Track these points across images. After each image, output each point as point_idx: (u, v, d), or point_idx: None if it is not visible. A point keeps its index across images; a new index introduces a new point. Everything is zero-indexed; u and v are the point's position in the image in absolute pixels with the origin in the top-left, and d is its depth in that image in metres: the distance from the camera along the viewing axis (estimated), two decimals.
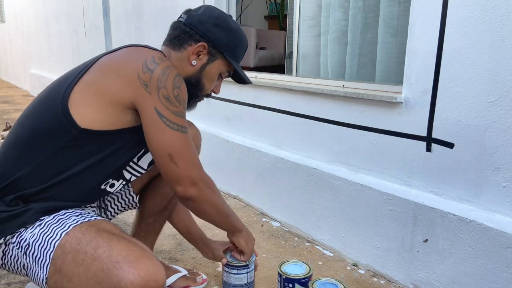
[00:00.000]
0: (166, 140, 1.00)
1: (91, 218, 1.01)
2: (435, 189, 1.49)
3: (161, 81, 0.99)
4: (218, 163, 2.55)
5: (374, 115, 1.67)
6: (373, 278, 1.64)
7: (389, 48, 1.86)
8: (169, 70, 1.02)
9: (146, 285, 0.88)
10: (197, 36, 1.13)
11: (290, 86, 2.04)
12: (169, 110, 1.00)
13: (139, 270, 0.88)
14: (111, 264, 0.89)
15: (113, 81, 1.00)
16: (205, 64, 1.16)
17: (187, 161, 1.04)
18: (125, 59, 1.03)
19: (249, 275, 1.41)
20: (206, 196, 1.09)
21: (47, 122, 0.99)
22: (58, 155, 0.99)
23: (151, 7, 3.25)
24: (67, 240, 0.93)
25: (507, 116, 1.26)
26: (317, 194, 1.89)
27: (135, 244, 0.96)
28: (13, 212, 0.96)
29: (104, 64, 1.04)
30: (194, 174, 1.05)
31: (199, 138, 1.44)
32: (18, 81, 8.49)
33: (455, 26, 1.36)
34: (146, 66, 0.99)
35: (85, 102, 0.99)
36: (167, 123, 1.00)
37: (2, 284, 1.50)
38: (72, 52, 5.36)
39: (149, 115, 0.99)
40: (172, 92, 1.01)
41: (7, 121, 3.92)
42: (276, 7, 5.00)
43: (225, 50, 1.15)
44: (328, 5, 2.11)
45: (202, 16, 1.15)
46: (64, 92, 1.00)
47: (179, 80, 1.03)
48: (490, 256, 1.29)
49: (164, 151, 1.01)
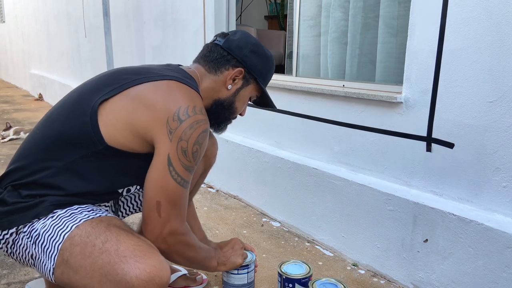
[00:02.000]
0: (162, 187, 1.00)
1: (102, 214, 1.03)
2: (435, 189, 1.49)
3: (186, 134, 1.00)
4: (218, 163, 2.54)
5: (374, 115, 1.67)
6: (373, 278, 1.64)
7: (389, 48, 1.86)
8: (198, 125, 1.02)
9: (151, 281, 0.89)
10: (234, 61, 1.17)
11: (290, 86, 2.04)
12: (181, 162, 1.01)
13: (145, 265, 0.90)
14: (118, 258, 0.91)
15: (143, 115, 1.00)
16: (239, 89, 1.20)
17: (172, 214, 1.02)
18: (161, 98, 1.02)
19: (249, 275, 1.41)
20: (175, 250, 1.08)
21: (74, 130, 1.01)
22: (79, 162, 1.01)
23: (151, 7, 3.25)
24: (76, 233, 0.95)
25: (507, 116, 1.26)
26: (317, 194, 1.89)
27: (144, 241, 0.98)
28: (29, 203, 0.99)
29: (140, 94, 1.03)
30: (171, 228, 1.03)
31: (216, 148, 1.48)
32: (18, 81, 8.49)
33: (455, 26, 1.36)
34: (178, 115, 1.00)
35: (113, 123, 1.01)
36: (172, 173, 1.00)
37: (2, 284, 1.50)
38: (72, 52, 5.36)
39: (160, 158, 1.00)
40: (192, 147, 1.01)
41: (7, 121, 3.92)
42: (276, 7, 5.00)
43: (259, 76, 1.20)
44: (328, 5, 2.11)
45: (240, 41, 1.18)
46: (94, 104, 1.02)
47: (203, 137, 1.04)
48: (490, 256, 1.29)
49: (154, 197, 1.00)
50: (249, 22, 4.88)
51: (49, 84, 6.17)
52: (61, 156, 1.01)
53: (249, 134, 2.41)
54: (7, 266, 1.62)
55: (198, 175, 1.43)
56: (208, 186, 2.66)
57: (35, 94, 6.95)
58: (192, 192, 1.47)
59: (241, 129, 2.46)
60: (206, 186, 2.67)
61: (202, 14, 2.60)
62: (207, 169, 1.49)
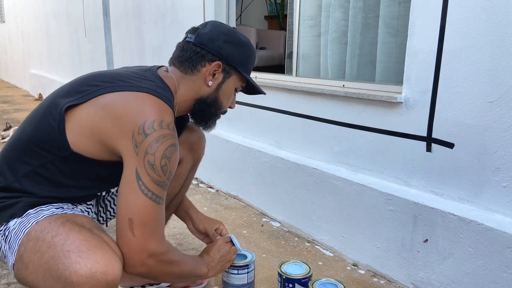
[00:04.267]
0: (133, 204, 0.95)
1: (68, 211, 1.01)
2: (435, 189, 1.49)
3: (152, 148, 0.95)
4: (218, 163, 2.55)
5: (374, 115, 1.67)
6: (373, 278, 1.64)
7: (389, 48, 1.86)
8: (165, 139, 0.97)
9: (92, 277, 0.84)
10: (209, 56, 1.11)
11: (290, 86, 2.04)
12: (150, 176, 0.95)
13: (87, 260, 0.85)
14: (61, 253, 0.87)
15: (110, 126, 0.97)
16: (221, 83, 1.15)
17: (146, 232, 0.96)
18: (129, 110, 0.97)
19: (249, 275, 1.41)
20: (158, 271, 1.02)
21: (43, 134, 1.00)
22: (48, 167, 1.01)
23: (151, 7, 3.25)
24: (34, 228, 0.94)
25: (507, 116, 1.26)
26: (317, 194, 1.89)
27: (96, 236, 0.92)
28: (5, 204, 0.99)
29: (108, 104, 0.99)
30: (148, 248, 0.97)
31: (204, 141, 1.45)
32: (18, 81, 8.49)
33: (455, 26, 1.36)
34: (143, 129, 0.95)
35: (80, 131, 0.98)
36: (142, 187, 0.95)
37: (2, 284, 1.50)
38: (72, 52, 5.36)
39: (128, 173, 0.96)
40: (160, 161, 0.96)
41: (7, 121, 3.92)
42: (276, 7, 5.00)
43: (239, 65, 1.14)
44: (328, 5, 2.11)
45: (212, 33, 1.12)
46: (61, 109, 0.99)
47: (171, 151, 0.98)
48: (490, 256, 1.29)
49: (126, 214, 0.95)
50: (249, 22, 4.88)
51: (49, 84, 6.17)
52: (31, 160, 1.00)
53: (249, 134, 2.41)
54: (7, 266, 1.62)
55: (187, 169, 1.41)
56: (208, 186, 2.66)
57: (35, 94, 6.95)
58: (184, 187, 1.45)
59: (241, 129, 2.46)
60: (206, 186, 2.67)
61: (202, 14, 2.60)
62: (197, 163, 1.47)
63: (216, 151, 2.55)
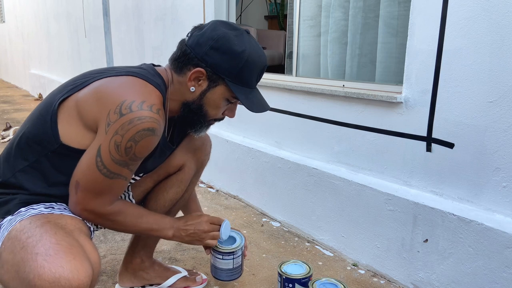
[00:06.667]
0: (84, 172, 0.99)
1: (57, 211, 1.01)
2: (435, 189, 1.49)
3: (123, 129, 0.95)
4: (218, 163, 2.55)
5: (374, 115, 1.67)
6: (373, 278, 1.64)
7: (389, 48, 1.86)
8: (140, 121, 0.95)
9: (55, 282, 0.81)
10: (196, 60, 1.05)
11: (290, 86, 2.04)
12: (111, 155, 0.97)
13: (52, 265, 0.82)
14: (30, 255, 0.85)
15: (92, 106, 0.99)
16: (205, 91, 1.08)
17: (88, 198, 1.01)
18: (110, 90, 0.99)
19: (235, 261, 1.37)
20: (99, 223, 1.08)
21: (38, 130, 1.03)
22: (42, 161, 1.03)
23: (151, 7, 3.25)
24: (15, 227, 0.93)
25: (507, 116, 1.26)
26: (317, 194, 1.89)
27: (71, 240, 0.91)
28: (2, 200, 1.01)
29: (97, 87, 1.01)
30: (87, 206, 1.02)
31: (208, 146, 1.43)
32: (18, 81, 8.49)
33: (455, 26, 1.36)
34: (120, 108, 0.95)
35: (69, 121, 1.00)
36: (99, 164, 0.97)
37: None
38: (72, 52, 5.36)
39: (92, 147, 0.99)
40: (126, 143, 0.96)
41: (7, 121, 3.92)
42: (276, 7, 5.00)
43: (226, 75, 1.05)
44: (328, 5, 2.11)
45: (202, 37, 1.04)
46: (54, 104, 1.02)
47: (142, 135, 0.97)
48: (490, 256, 1.29)
49: (75, 176, 1.00)
50: (249, 22, 4.89)
51: (49, 84, 6.17)
52: (27, 155, 1.03)
53: (249, 134, 2.41)
54: None
55: (190, 175, 1.38)
56: (208, 186, 2.66)
57: (35, 94, 6.95)
58: (187, 192, 1.43)
59: (241, 129, 2.46)
60: (206, 186, 2.67)
61: (202, 14, 2.60)
62: (200, 169, 1.44)
63: (216, 151, 2.54)
